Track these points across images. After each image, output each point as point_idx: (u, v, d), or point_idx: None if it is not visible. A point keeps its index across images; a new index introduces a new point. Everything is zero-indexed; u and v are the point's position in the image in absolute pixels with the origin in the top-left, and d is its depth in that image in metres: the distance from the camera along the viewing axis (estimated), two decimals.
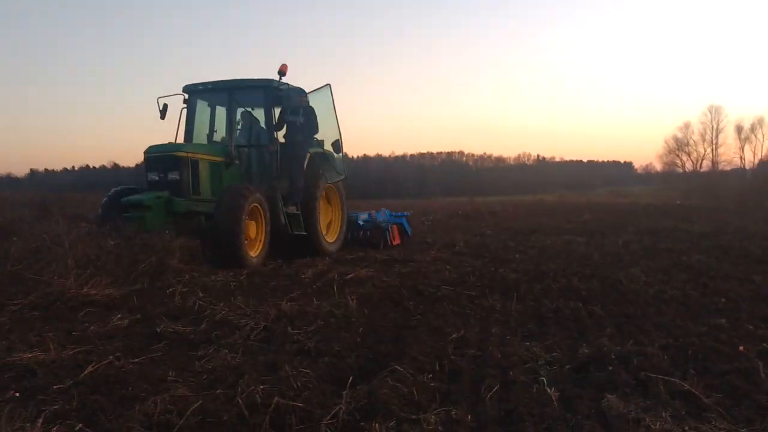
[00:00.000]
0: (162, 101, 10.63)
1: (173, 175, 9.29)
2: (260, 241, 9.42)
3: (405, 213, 14.59)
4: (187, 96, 10.96)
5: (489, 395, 3.38)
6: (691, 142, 70.79)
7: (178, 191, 9.24)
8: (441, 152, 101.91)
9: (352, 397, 3.29)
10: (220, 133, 11.05)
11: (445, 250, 11.46)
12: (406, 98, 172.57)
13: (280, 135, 10.90)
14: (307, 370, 3.84)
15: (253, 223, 9.23)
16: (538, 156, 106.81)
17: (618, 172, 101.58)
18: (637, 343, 4.33)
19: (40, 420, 3.01)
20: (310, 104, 10.93)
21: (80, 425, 2.99)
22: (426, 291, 6.98)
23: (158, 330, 5.02)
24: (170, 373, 3.89)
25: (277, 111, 10.83)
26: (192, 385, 3.64)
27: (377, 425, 2.87)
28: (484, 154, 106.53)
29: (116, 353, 4.33)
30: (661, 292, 6.50)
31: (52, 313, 5.71)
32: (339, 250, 11.47)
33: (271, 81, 10.44)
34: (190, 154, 9.51)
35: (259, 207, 9.25)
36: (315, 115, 10.78)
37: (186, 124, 10.89)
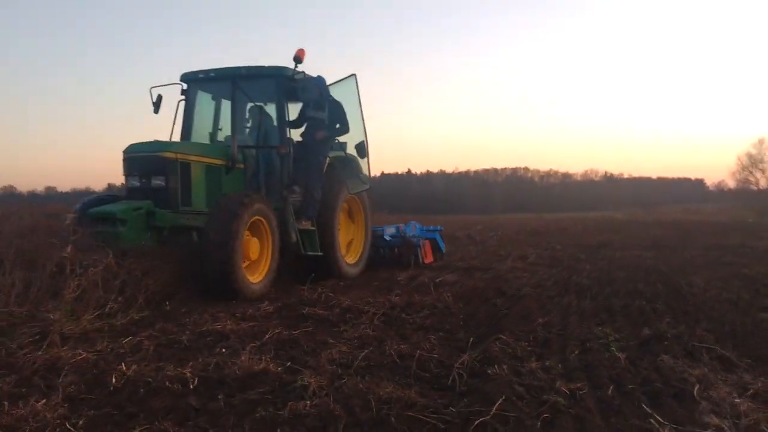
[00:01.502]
0: (156, 92, 8.96)
1: (158, 181, 7.67)
2: (265, 263, 7.81)
3: (438, 227, 13.16)
4: (185, 86, 9.20)
5: (572, 355, 4.58)
6: (766, 158, 68.94)
7: (164, 201, 7.61)
8: (505, 168, 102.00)
9: (471, 354, 4.55)
10: (227, 131, 9.15)
11: (520, 261, 12.53)
12: (469, 114, 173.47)
13: (297, 134, 9.32)
14: (432, 337, 5.14)
15: (256, 241, 7.65)
16: (606, 172, 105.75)
17: (689, 189, 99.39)
18: (689, 327, 5.45)
19: (262, 361, 4.38)
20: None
21: (288, 363, 4.36)
22: (509, 292, 8.12)
23: (304, 312, 6.41)
24: (328, 339, 5.24)
25: (291, 106, 9.18)
26: (348, 345, 4.97)
27: (496, 367, 4.11)
28: (550, 170, 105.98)
29: (279, 327, 5.70)
30: (716, 295, 7.48)
31: (211, 301, 7.15)
32: (361, 273, 10.00)
33: (284, 69, 8.74)
34: (179, 155, 7.78)
35: (263, 221, 7.68)
36: (344, 111, 9.15)
37: (183, 120, 9.18)
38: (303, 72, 8.76)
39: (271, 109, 9.21)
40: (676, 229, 27.75)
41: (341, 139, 9.31)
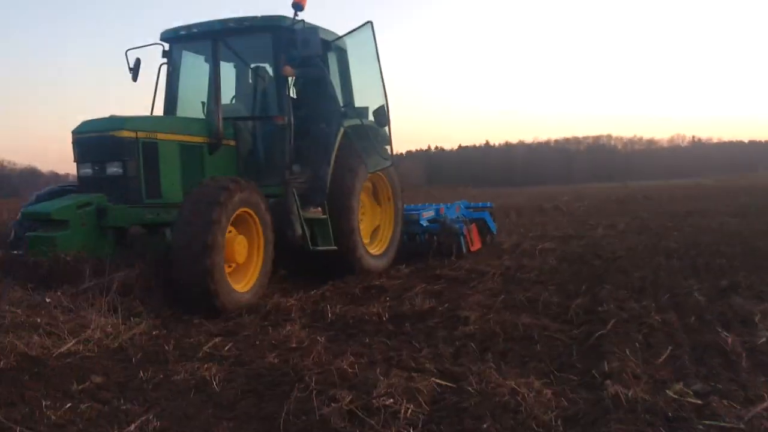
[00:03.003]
0: (132, 55, 7.58)
1: (114, 168, 6.30)
2: (255, 267, 6.35)
3: (488, 204, 11.57)
4: (166, 47, 7.70)
5: (663, 298, 5.93)
6: None
7: (123, 193, 6.27)
8: (587, 137, 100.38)
9: (583, 298, 5.99)
10: (227, 98, 7.66)
11: (610, 229, 13.66)
12: (549, 84, 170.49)
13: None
14: (552, 287, 6.61)
15: (244, 239, 6.18)
16: (693, 137, 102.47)
17: None
18: (760, 278, 6.66)
19: (426, 303, 5.96)
20: (345, 51, 7.98)
21: (446, 305, 5.92)
22: (605, 255, 9.37)
23: (437, 273, 7.96)
24: (465, 291, 6.76)
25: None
26: (483, 295, 6.47)
27: (604, 305, 5.53)
28: (634, 136, 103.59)
29: (422, 283, 7.26)
30: None
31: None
32: (389, 265, 8.45)
33: (281, 18, 7.18)
34: (140, 134, 6.37)
35: (251, 213, 6.20)
36: (328, 74, 7.69)
37: (166, 88, 7.74)
38: (302, 21, 7.10)
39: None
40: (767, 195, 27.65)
41: (358, 103, 8.08)
